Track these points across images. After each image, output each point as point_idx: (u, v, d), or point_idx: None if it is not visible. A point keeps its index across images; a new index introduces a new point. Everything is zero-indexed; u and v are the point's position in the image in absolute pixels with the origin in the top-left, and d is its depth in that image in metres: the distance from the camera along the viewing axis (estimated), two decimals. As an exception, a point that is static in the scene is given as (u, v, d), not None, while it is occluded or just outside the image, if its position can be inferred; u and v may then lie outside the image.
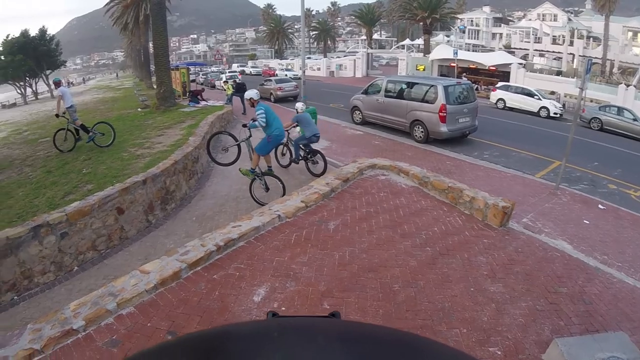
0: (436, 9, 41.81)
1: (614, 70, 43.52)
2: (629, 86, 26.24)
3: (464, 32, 57.26)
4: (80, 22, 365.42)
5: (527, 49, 51.34)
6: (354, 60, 48.36)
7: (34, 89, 50.83)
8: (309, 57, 58.29)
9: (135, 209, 7.96)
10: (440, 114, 12.69)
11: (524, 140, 14.93)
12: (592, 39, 48.66)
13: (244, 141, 8.32)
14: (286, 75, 37.90)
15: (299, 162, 10.25)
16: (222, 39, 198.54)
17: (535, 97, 23.94)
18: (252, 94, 8.51)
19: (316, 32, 79.62)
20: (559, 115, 22.92)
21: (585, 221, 7.74)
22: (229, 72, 39.93)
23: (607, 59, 43.85)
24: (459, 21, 57.65)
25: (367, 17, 61.17)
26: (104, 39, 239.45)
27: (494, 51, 44.06)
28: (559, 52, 48.29)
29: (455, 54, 31.82)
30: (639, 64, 39.25)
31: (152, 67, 29.78)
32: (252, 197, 8.47)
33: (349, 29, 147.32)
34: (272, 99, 23.24)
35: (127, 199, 7.74)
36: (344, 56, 57.95)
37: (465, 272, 4.89)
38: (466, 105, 13.49)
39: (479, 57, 35.13)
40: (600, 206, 8.69)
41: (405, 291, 4.45)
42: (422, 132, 13.50)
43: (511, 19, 76.73)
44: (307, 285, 4.45)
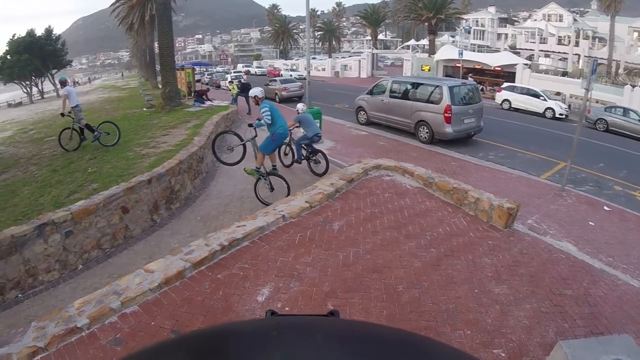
0: (441, 10, 41.74)
1: (619, 71, 43.29)
2: (634, 87, 26.17)
3: (469, 33, 56.98)
4: (86, 22, 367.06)
5: (533, 50, 51.16)
6: (359, 60, 48.35)
7: (40, 88, 51.04)
8: (314, 58, 58.44)
9: (140, 208, 7.99)
10: (445, 114, 12.65)
11: (530, 141, 14.87)
12: (597, 40, 48.36)
13: (249, 141, 8.31)
14: (291, 75, 38.03)
15: (302, 162, 10.27)
16: (227, 39, 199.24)
17: (540, 98, 23.85)
18: (257, 91, 8.50)
19: (321, 32, 79.61)
20: (564, 116, 22.82)
21: (590, 223, 7.68)
22: (234, 72, 39.97)
23: (613, 60, 43.65)
24: (464, 21, 57.34)
25: (372, 17, 61.25)
26: (109, 39, 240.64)
27: (499, 52, 43.91)
28: (565, 53, 48.10)
29: (460, 54, 31.80)
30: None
31: (158, 67, 29.91)
32: (256, 197, 8.45)
33: (354, 29, 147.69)
34: (277, 99, 23.22)
35: (132, 198, 7.76)
36: (349, 56, 57.99)
37: (469, 274, 4.87)
38: (471, 106, 13.44)
39: (484, 58, 35.12)
40: (605, 208, 8.63)
41: (409, 292, 4.44)
42: (427, 132, 13.46)
43: (516, 19, 76.36)
44: (311, 285, 4.44)
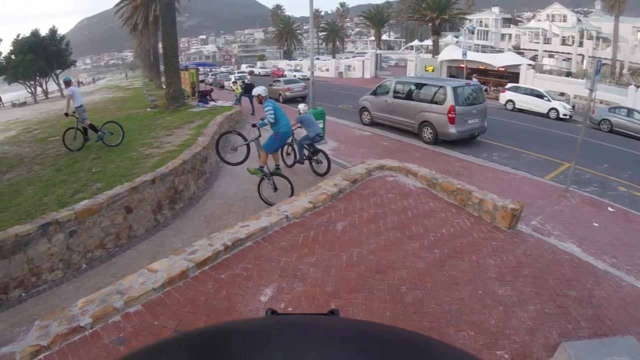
0: (445, 10, 41.61)
1: (623, 71, 43.12)
2: (639, 87, 26.02)
3: (473, 33, 56.91)
4: (90, 23, 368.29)
5: (537, 50, 50.98)
6: (363, 61, 48.31)
7: (44, 88, 51.19)
8: (318, 58, 58.35)
9: (143, 208, 8.00)
10: (449, 115, 12.64)
11: (533, 141, 14.83)
12: (601, 40, 48.10)
13: (253, 141, 8.30)
14: (295, 76, 38.00)
15: (304, 163, 10.27)
16: (231, 40, 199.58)
17: (544, 98, 23.78)
18: (260, 90, 8.46)
19: (325, 33, 79.52)
20: (568, 116, 22.76)
21: (594, 224, 7.65)
22: (238, 73, 40.05)
23: (617, 60, 43.45)
24: (468, 22, 57.30)
25: (376, 18, 61.08)
26: (113, 39, 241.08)
27: (503, 52, 43.80)
28: (569, 53, 47.92)
29: (464, 54, 31.69)
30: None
31: (162, 68, 29.94)
32: (260, 197, 8.45)
33: (357, 29, 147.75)
34: (281, 100, 23.23)
35: (136, 198, 7.77)
36: (353, 57, 57.92)
37: (473, 275, 4.86)
38: (475, 106, 13.43)
39: (488, 58, 34.97)
40: (609, 209, 8.59)
41: (412, 293, 4.43)
42: (430, 133, 13.45)
43: (520, 19, 76.09)
44: (314, 286, 4.44)
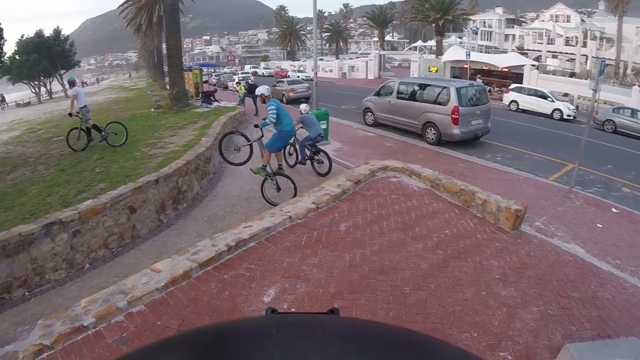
0: (448, 11, 41.59)
1: (627, 71, 43.04)
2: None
3: (477, 34, 56.75)
4: (94, 23, 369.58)
5: (540, 51, 50.88)
6: (366, 61, 48.27)
7: (48, 88, 51.43)
8: (321, 59, 58.41)
9: (147, 208, 8.01)
10: (452, 115, 12.62)
11: (537, 142, 14.79)
12: (605, 40, 48.02)
13: (255, 141, 8.29)
14: (298, 76, 38.08)
15: (306, 163, 10.28)
16: (234, 41, 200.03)
17: (548, 99, 23.69)
18: (263, 89, 8.44)
19: (328, 33, 79.57)
20: (572, 117, 22.64)
21: (598, 225, 7.61)
22: (242, 74, 40.13)
23: (621, 60, 43.41)
24: (472, 22, 57.06)
25: (379, 18, 61.12)
26: (117, 40, 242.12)
27: (506, 52, 43.74)
28: (572, 54, 47.83)
29: (467, 55, 31.69)
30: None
31: (166, 68, 30.03)
32: (263, 197, 8.45)
33: (361, 30, 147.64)
34: (284, 100, 23.23)
35: (140, 198, 7.79)
36: (356, 58, 57.91)
37: (476, 276, 4.84)
38: (479, 107, 13.40)
39: (491, 59, 34.96)
40: (613, 210, 8.55)
41: (415, 294, 4.42)
42: (434, 134, 13.43)
43: (524, 20, 75.92)
44: (317, 286, 4.43)
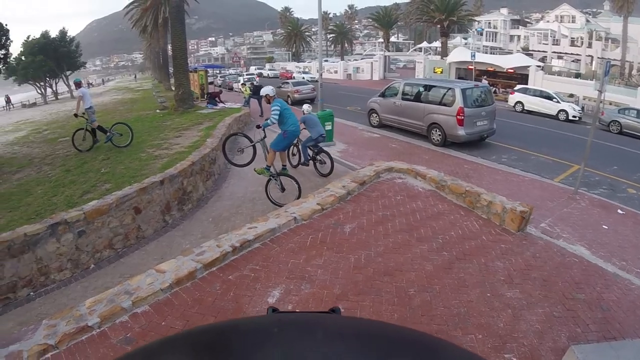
0: (453, 12, 41.51)
1: (633, 72, 42.82)
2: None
3: (482, 35, 56.70)
4: (100, 24, 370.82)
5: (545, 51, 50.70)
6: (371, 63, 48.23)
7: (54, 89, 51.61)
8: (326, 60, 58.37)
9: (152, 208, 8.02)
10: (457, 117, 12.57)
11: (543, 143, 14.72)
12: (610, 41, 47.85)
13: (258, 142, 8.30)
14: (303, 78, 38.10)
15: (309, 164, 10.30)
16: (239, 42, 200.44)
17: (553, 100, 23.59)
18: (268, 90, 8.43)
19: (333, 35, 79.55)
20: (577, 118, 22.51)
21: (604, 226, 7.56)
22: (247, 75, 40.25)
23: (626, 61, 43.20)
24: (477, 23, 57.01)
25: (384, 19, 61.00)
26: (123, 41, 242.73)
27: (511, 53, 43.64)
28: (578, 54, 47.66)
29: (472, 56, 31.60)
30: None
31: (171, 69, 30.10)
32: (268, 197, 8.45)
33: (366, 31, 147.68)
34: (289, 102, 23.25)
35: (145, 198, 7.80)
36: (361, 59, 57.97)
37: (481, 277, 4.82)
38: (484, 108, 13.36)
39: (496, 60, 34.84)
40: (619, 211, 8.50)
41: (420, 296, 4.40)
42: (439, 135, 13.38)
43: (529, 20, 75.71)
44: (322, 288, 4.42)
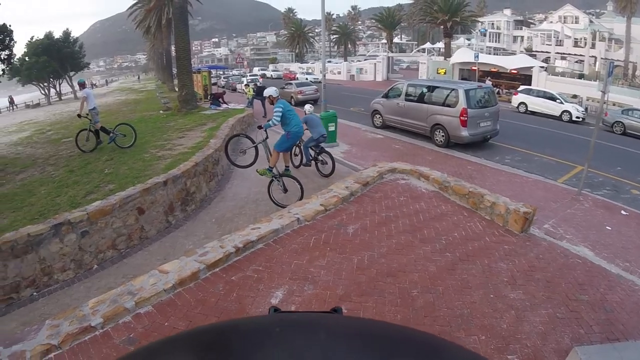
0: (457, 12, 41.53)
1: (636, 72, 42.66)
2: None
3: (485, 35, 56.64)
4: (103, 25, 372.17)
5: (549, 52, 50.54)
6: (375, 64, 48.25)
7: (58, 90, 51.74)
8: (330, 61, 58.51)
9: (155, 209, 8.03)
10: (461, 118, 12.56)
11: (546, 144, 14.69)
12: (614, 41, 47.71)
13: (260, 143, 8.29)
14: (307, 78, 38.09)
15: (311, 165, 10.32)
16: (243, 43, 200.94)
17: (557, 100, 23.53)
18: (271, 91, 8.43)
19: (337, 35, 79.69)
20: (581, 119, 22.45)
21: (607, 227, 7.54)
22: (250, 76, 40.29)
23: (630, 62, 43.07)
24: (480, 24, 56.86)
25: (388, 20, 61.07)
26: (126, 42, 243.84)
27: (515, 54, 43.56)
28: (581, 55, 47.48)
29: (476, 57, 31.60)
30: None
31: (174, 70, 30.19)
32: (270, 198, 8.44)
33: (369, 32, 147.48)
34: (293, 103, 23.27)
35: (148, 199, 7.81)
36: (365, 60, 57.90)
37: (485, 279, 4.80)
38: (487, 109, 13.33)
39: (500, 61, 34.82)
40: (623, 212, 8.48)
41: (423, 297, 4.39)
42: (442, 136, 13.37)
43: (532, 21, 75.64)
44: (325, 289, 4.41)
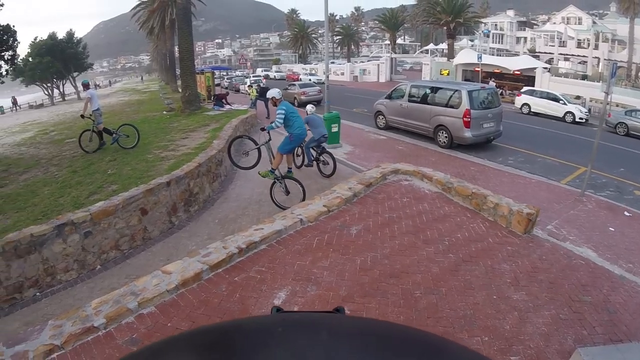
0: (460, 14, 41.42)
1: (639, 73, 42.48)
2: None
3: (488, 37, 56.58)
4: (107, 26, 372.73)
5: (552, 53, 50.37)
6: (378, 65, 48.13)
7: (61, 90, 51.80)
8: (333, 62, 58.37)
9: (158, 210, 8.04)
10: (464, 119, 12.53)
11: (549, 145, 14.65)
12: (617, 42, 47.53)
13: (263, 144, 8.30)
14: (310, 79, 38.07)
15: (313, 165, 10.34)
16: (246, 44, 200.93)
17: (560, 102, 23.45)
18: (274, 93, 8.41)
19: (340, 37, 79.59)
20: (584, 120, 22.33)
21: (610, 228, 7.53)
22: (253, 77, 40.32)
23: (633, 63, 42.85)
24: (483, 25, 56.82)
25: (391, 21, 61.06)
26: (130, 43, 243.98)
27: (518, 55, 43.49)
28: (584, 56, 47.32)
29: (479, 58, 31.53)
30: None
31: (178, 71, 30.23)
32: (272, 200, 8.45)
33: (372, 33, 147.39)
34: (296, 104, 23.26)
35: (151, 200, 7.82)
36: (368, 61, 57.81)
37: (488, 280, 4.80)
38: (490, 110, 13.29)
39: (503, 62, 34.75)
40: (626, 213, 8.45)
41: (426, 298, 4.38)
42: (446, 137, 13.35)
43: (535, 22, 75.54)
44: (328, 289, 4.41)
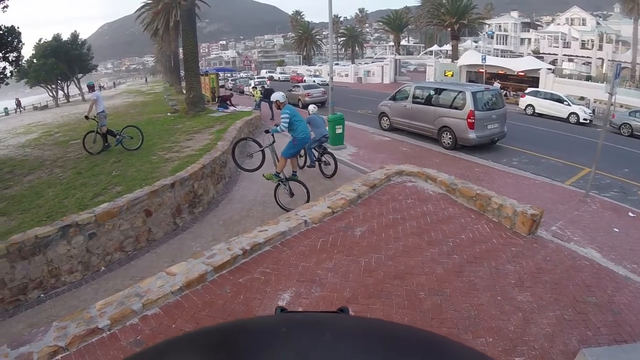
0: (464, 15, 41.36)
1: (644, 74, 42.34)
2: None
3: (492, 38, 56.45)
4: (111, 28, 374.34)
5: (556, 54, 50.27)
6: (382, 66, 48.11)
7: (66, 92, 51.98)
8: (337, 63, 58.40)
9: (163, 211, 8.06)
10: (468, 120, 12.51)
11: (554, 146, 14.60)
12: (621, 43, 47.42)
13: (267, 147, 8.29)
14: (314, 81, 38.04)
15: (315, 165, 10.39)
16: (250, 45, 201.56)
17: (564, 102, 23.38)
18: (278, 96, 8.43)
19: (344, 38, 79.59)
20: (588, 121, 22.27)
21: (615, 229, 7.50)
22: (258, 78, 40.39)
23: (637, 63, 42.66)
24: (487, 27, 56.83)
25: (395, 23, 61.08)
26: (134, 44, 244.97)
27: (522, 56, 43.38)
28: (588, 57, 47.21)
29: (483, 59, 31.48)
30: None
31: (182, 73, 30.33)
32: (277, 202, 8.45)
33: (376, 35, 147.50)
34: (300, 105, 23.27)
35: (156, 201, 7.84)
36: (372, 62, 57.88)
37: (492, 281, 4.78)
38: (495, 111, 13.26)
39: (507, 63, 34.72)
40: (630, 214, 8.42)
41: (431, 299, 4.37)
42: (450, 138, 13.33)
43: (539, 23, 75.21)
44: (332, 291, 4.40)
